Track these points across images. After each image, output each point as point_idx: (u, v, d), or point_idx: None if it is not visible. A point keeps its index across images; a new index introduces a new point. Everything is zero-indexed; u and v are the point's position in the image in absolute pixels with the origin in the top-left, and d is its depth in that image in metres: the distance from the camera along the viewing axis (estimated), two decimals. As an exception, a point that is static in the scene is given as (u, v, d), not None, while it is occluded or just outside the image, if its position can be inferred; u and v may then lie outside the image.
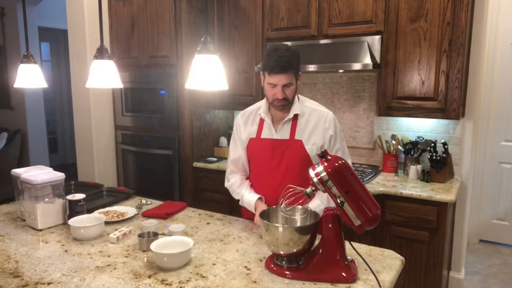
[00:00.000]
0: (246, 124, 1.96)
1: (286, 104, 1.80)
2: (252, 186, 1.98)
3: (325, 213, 1.38)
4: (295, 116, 1.85)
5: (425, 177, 2.73)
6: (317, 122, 1.85)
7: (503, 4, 3.63)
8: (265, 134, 1.90)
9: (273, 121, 1.89)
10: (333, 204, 1.48)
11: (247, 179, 2.02)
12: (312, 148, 1.82)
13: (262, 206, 1.83)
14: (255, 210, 1.86)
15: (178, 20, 3.24)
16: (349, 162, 1.83)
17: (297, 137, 1.84)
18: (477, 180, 3.81)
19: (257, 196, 1.89)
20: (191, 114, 3.33)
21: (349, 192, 1.32)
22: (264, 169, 1.91)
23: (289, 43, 3.09)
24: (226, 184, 2.05)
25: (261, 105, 1.93)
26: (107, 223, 1.88)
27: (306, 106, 1.88)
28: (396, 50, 2.69)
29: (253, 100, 3.15)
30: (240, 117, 2.00)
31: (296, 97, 1.87)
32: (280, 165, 1.86)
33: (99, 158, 3.78)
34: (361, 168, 2.96)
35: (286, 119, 1.85)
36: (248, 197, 1.91)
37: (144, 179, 3.67)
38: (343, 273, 1.34)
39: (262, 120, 1.91)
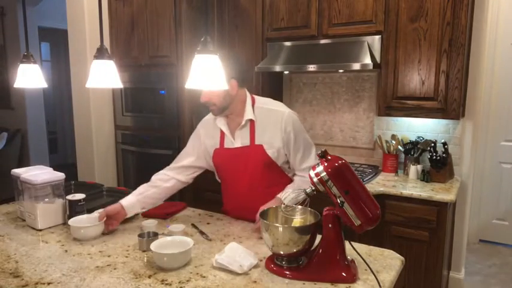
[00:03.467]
0: (207, 134, 1.93)
1: (214, 108, 1.78)
2: (224, 194, 2.01)
3: (325, 213, 1.38)
4: (251, 121, 1.82)
5: (425, 177, 2.73)
6: (274, 123, 1.80)
7: (503, 4, 3.63)
8: (227, 144, 1.88)
9: (230, 129, 1.87)
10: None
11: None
12: (273, 151, 1.80)
13: (112, 209, 1.78)
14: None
15: (178, 20, 3.24)
16: (313, 151, 1.86)
17: (257, 142, 1.81)
18: (477, 180, 3.81)
19: (124, 202, 1.83)
20: (191, 114, 3.33)
21: (349, 192, 1.32)
22: (231, 177, 1.90)
23: (289, 43, 3.09)
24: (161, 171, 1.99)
25: None
26: (107, 223, 1.88)
27: (260, 108, 1.83)
28: (396, 50, 2.69)
29: (253, 100, 3.15)
30: (199, 127, 1.97)
31: (250, 100, 1.84)
32: (245, 172, 1.84)
33: (99, 158, 3.78)
34: (361, 168, 2.96)
35: (240, 126, 1.82)
36: (128, 196, 1.87)
37: (144, 179, 3.64)
38: (343, 273, 1.34)
39: (222, 130, 1.88)
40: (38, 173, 1.86)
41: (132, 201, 1.85)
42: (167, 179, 1.95)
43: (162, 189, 1.93)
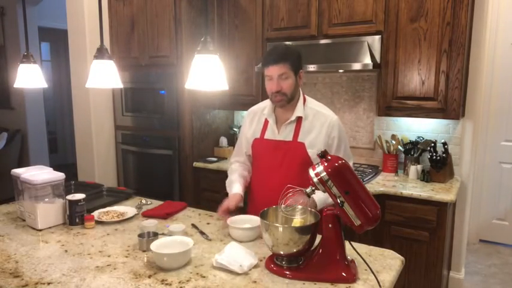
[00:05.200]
0: (252, 123, 1.99)
1: (284, 99, 1.79)
2: (254, 186, 2.00)
3: (325, 213, 1.38)
4: (299, 118, 1.85)
5: (425, 177, 2.73)
6: (321, 126, 1.84)
7: (503, 4, 3.63)
8: (268, 135, 1.91)
9: (276, 122, 1.90)
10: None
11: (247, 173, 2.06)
12: (313, 152, 1.82)
13: (233, 199, 1.85)
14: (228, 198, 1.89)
15: (178, 20, 3.24)
16: (351, 163, 1.84)
17: (300, 139, 1.84)
18: (477, 180, 3.81)
19: (239, 191, 1.92)
20: (191, 114, 3.33)
21: (349, 192, 1.32)
22: (265, 169, 1.91)
23: (289, 43, 3.09)
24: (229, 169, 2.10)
25: (266, 105, 1.94)
26: (106, 223, 1.88)
27: (310, 108, 1.88)
28: (396, 50, 2.69)
29: (253, 100, 3.15)
30: (246, 116, 2.04)
31: (302, 98, 1.88)
32: (281, 166, 1.86)
33: (99, 158, 3.78)
34: (361, 168, 2.96)
35: (289, 121, 1.85)
36: (234, 186, 1.95)
37: (144, 179, 3.66)
38: (343, 273, 1.34)
39: (266, 121, 1.92)
40: (38, 173, 1.86)
41: (242, 188, 1.95)
42: (247, 169, 2.06)
43: (247, 177, 2.04)
